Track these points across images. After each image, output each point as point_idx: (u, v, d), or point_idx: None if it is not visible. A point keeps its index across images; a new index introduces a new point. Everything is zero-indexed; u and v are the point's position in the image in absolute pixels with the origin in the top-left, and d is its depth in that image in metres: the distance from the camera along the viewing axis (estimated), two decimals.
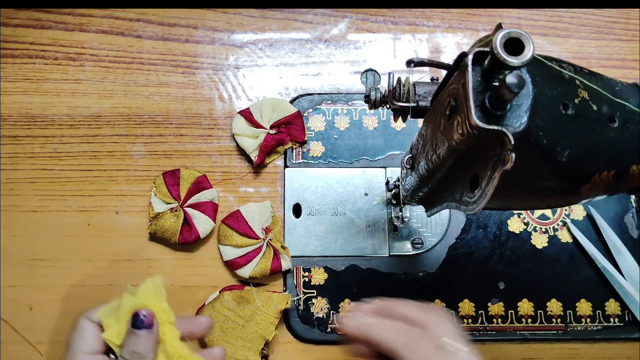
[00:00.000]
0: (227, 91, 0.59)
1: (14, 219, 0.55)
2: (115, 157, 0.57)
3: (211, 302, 0.52)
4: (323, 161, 0.57)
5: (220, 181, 0.56)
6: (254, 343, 0.50)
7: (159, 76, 0.59)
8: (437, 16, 0.62)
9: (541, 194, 0.33)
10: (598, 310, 0.54)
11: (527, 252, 0.55)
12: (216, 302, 0.51)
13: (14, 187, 0.55)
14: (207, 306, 0.51)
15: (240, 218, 0.53)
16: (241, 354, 0.50)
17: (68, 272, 0.53)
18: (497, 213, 0.56)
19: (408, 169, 0.44)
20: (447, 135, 0.31)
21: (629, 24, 0.62)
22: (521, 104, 0.28)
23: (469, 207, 0.32)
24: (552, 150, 0.30)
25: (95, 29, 0.60)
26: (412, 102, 0.38)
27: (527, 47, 0.26)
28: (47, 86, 0.58)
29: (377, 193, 0.56)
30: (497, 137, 0.28)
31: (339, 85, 0.60)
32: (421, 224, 0.55)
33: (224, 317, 0.51)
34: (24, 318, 0.52)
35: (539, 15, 0.62)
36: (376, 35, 0.61)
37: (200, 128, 0.58)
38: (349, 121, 0.58)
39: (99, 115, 0.58)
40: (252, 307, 0.51)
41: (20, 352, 0.52)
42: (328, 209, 0.56)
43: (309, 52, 0.61)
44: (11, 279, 0.53)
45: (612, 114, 0.32)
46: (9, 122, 0.57)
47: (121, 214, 0.55)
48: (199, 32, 0.61)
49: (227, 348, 0.50)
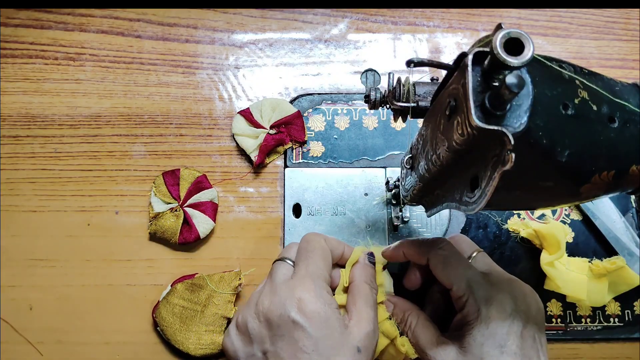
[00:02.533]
0: (227, 91, 0.59)
1: (14, 219, 0.55)
2: (115, 157, 0.57)
3: (165, 297, 0.52)
4: (323, 161, 0.57)
5: (220, 181, 0.56)
6: (216, 325, 0.50)
7: (159, 76, 0.59)
8: (437, 16, 0.62)
9: (541, 194, 0.33)
10: (598, 310, 0.54)
11: (527, 252, 0.55)
12: (170, 295, 0.51)
13: (14, 187, 0.55)
14: (161, 302, 0.51)
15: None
16: (206, 338, 0.50)
17: (68, 272, 0.53)
18: (497, 213, 0.56)
19: (408, 169, 0.44)
20: (447, 135, 0.32)
21: (629, 24, 0.62)
22: (521, 104, 0.28)
23: (469, 207, 0.32)
24: (552, 150, 0.30)
25: (95, 29, 0.60)
26: (412, 102, 0.38)
27: (527, 47, 0.26)
28: (47, 86, 0.58)
29: (377, 193, 0.56)
30: (497, 137, 0.28)
31: (339, 85, 0.60)
32: (421, 224, 0.55)
33: (180, 308, 0.51)
34: (24, 318, 0.52)
35: (539, 15, 0.62)
36: (376, 35, 0.61)
37: (200, 128, 0.58)
38: (349, 121, 0.58)
39: (99, 115, 0.58)
40: (206, 292, 0.51)
41: (20, 352, 0.52)
42: (328, 209, 0.56)
43: (309, 52, 0.61)
44: (11, 279, 0.53)
45: (612, 114, 0.32)
46: (9, 122, 0.57)
47: (121, 214, 0.55)
48: (199, 32, 0.61)
49: (191, 337, 0.50)
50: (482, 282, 0.42)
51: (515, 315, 0.40)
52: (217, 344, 0.50)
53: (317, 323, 0.40)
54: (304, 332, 0.40)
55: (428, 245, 0.45)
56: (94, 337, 0.52)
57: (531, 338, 0.40)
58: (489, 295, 0.41)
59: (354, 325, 0.42)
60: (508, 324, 0.39)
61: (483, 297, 0.41)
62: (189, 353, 0.50)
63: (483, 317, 0.40)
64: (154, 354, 0.52)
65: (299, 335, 0.40)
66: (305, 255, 0.45)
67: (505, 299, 0.40)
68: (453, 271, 0.43)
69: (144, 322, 0.52)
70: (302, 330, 0.40)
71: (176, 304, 0.51)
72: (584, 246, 0.55)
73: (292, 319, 0.40)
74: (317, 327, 0.40)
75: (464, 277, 0.42)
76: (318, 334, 0.40)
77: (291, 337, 0.40)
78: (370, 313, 0.44)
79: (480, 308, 0.40)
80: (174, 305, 0.51)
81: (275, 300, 0.42)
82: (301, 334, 0.40)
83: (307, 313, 0.40)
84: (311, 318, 0.40)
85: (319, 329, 0.40)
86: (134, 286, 0.53)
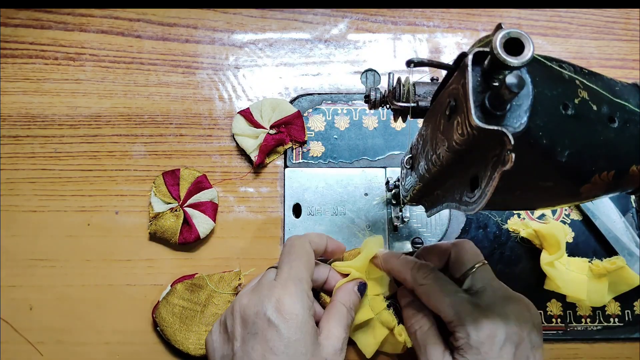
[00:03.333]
0: (227, 91, 0.59)
1: (14, 219, 0.55)
2: (115, 157, 0.57)
3: (165, 298, 0.52)
4: (323, 161, 0.57)
5: (220, 181, 0.56)
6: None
7: (159, 76, 0.59)
8: (437, 16, 0.62)
9: (541, 194, 0.33)
10: (598, 310, 0.54)
11: (527, 252, 0.55)
12: (170, 296, 0.51)
13: (14, 187, 0.55)
14: (161, 302, 0.51)
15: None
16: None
17: (68, 272, 0.53)
18: (497, 213, 0.56)
19: (408, 169, 0.44)
20: (447, 135, 0.31)
21: (629, 24, 0.62)
22: (521, 104, 0.28)
23: (469, 207, 0.32)
24: (552, 150, 0.30)
25: (95, 29, 0.60)
26: (412, 102, 0.38)
27: (527, 47, 0.26)
28: (47, 86, 0.58)
29: (377, 193, 0.56)
30: (497, 137, 0.28)
31: (339, 85, 0.60)
32: (421, 224, 0.55)
33: (180, 308, 0.51)
34: (24, 318, 0.52)
35: (539, 15, 0.62)
36: (376, 35, 0.61)
37: (200, 128, 0.58)
38: (349, 121, 0.58)
39: (99, 115, 0.58)
40: (206, 292, 0.51)
41: (20, 352, 0.52)
42: (328, 209, 0.56)
43: (309, 52, 0.61)
44: (11, 279, 0.53)
45: (612, 114, 0.32)
46: (9, 122, 0.57)
47: (121, 214, 0.55)
48: (199, 32, 0.61)
49: (190, 337, 0.50)
50: (471, 308, 0.41)
51: (508, 338, 0.39)
52: None
53: (292, 325, 0.40)
54: (277, 332, 0.39)
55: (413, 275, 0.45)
56: (94, 337, 0.52)
57: (524, 358, 0.40)
58: (479, 321, 0.40)
59: (324, 339, 0.42)
60: (499, 347, 0.39)
61: (472, 323, 0.40)
62: (189, 353, 0.50)
63: (473, 342, 0.39)
64: (154, 354, 0.52)
65: (272, 335, 0.39)
66: (289, 258, 0.44)
67: (496, 322, 0.40)
68: (439, 300, 0.42)
69: (144, 322, 0.52)
70: (276, 331, 0.39)
71: (176, 304, 0.51)
72: (584, 246, 0.55)
73: (268, 317, 0.40)
74: (291, 330, 0.40)
75: (451, 306, 0.41)
76: (291, 337, 0.39)
77: (264, 336, 0.40)
78: (342, 334, 0.43)
79: (470, 334, 0.39)
80: (173, 306, 0.51)
81: (254, 298, 0.42)
82: (274, 334, 0.39)
83: (284, 313, 0.40)
84: (287, 320, 0.40)
85: (293, 332, 0.40)
86: (134, 286, 0.53)
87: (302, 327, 0.40)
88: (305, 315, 0.41)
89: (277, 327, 0.39)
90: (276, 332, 0.39)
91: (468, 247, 0.47)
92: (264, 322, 0.40)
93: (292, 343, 0.39)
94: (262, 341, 0.39)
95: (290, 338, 0.39)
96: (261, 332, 0.40)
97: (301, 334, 0.40)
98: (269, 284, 0.43)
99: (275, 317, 0.40)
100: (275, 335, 0.39)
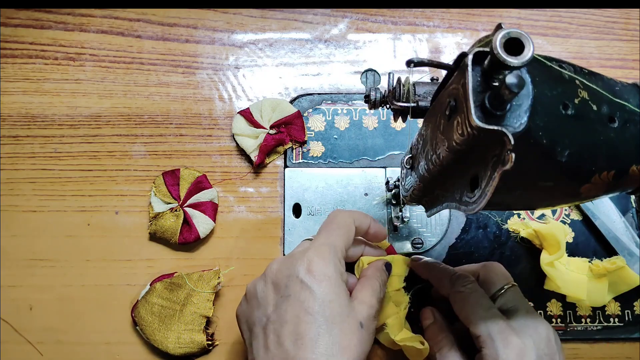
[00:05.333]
0: (227, 91, 0.59)
1: (14, 219, 0.55)
2: (115, 157, 0.57)
3: (144, 297, 0.52)
4: (323, 161, 0.57)
5: (220, 181, 0.56)
6: (195, 324, 0.50)
7: (159, 76, 0.59)
8: (437, 16, 0.62)
9: (541, 194, 0.33)
10: (598, 310, 0.54)
11: (527, 252, 0.55)
12: (149, 295, 0.51)
13: (14, 187, 0.55)
14: (140, 301, 0.51)
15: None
16: (185, 337, 0.50)
17: (68, 272, 0.53)
18: (497, 213, 0.56)
19: (408, 169, 0.44)
20: (447, 135, 0.31)
21: (629, 24, 0.62)
22: (521, 104, 0.28)
23: (469, 207, 0.32)
24: (552, 150, 0.30)
25: (95, 29, 0.60)
26: (412, 102, 0.38)
27: (527, 47, 0.26)
28: (47, 86, 0.58)
29: (377, 193, 0.56)
30: (497, 137, 0.28)
31: (339, 85, 0.60)
32: (421, 224, 0.55)
33: (159, 307, 0.51)
34: (24, 318, 0.52)
35: (539, 15, 0.62)
36: (376, 35, 0.61)
37: (200, 128, 0.58)
38: (349, 121, 0.58)
39: (99, 115, 0.58)
40: (185, 291, 0.51)
41: (20, 352, 0.52)
42: (328, 209, 0.56)
43: (309, 52, 0.61)
44: (11, 279, 0.53)
45: (612, 114, 0.32)
46: (9, 122, 0.57)
47: (121, 214, 0.55)
48: (199, 32, 0.61)
49: (170, 335, 0.50)
50: (502, 326, 0.40)
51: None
52: (197, 343, 0.50)
53: (325, 286, 0.39)
54: (311, 293, 0.38)
55: (452, 280, 0.45)
56: (94, 337, 0.52)
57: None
58: (509, 340, 0.39)
59: (358, 304, 0.41)
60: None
61: (502, 341, 0.39)
62: (168, 352, 0.50)
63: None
64: (154, 354, 0.52)
65: (305, 295, 0.38)
66: (328, 227, 0.44)
67: (526, 342, 0.39)
68: (473, 312, 0.41)
69: None
70: (309, 292, 0.38)
71: (155, 303, 0.51)
72: (584, 246, 0.55)
73: (301, 279, 0.39)
74: (325, 290, 0.39)
75: (482, 320, 0.41)
76: (325, 297, 0.38)
77: (297, 297, 0.38)
78: (376, 304, 0.43)
79: (498, 352, 0.39)
80: (152, 305, 0.51)
81: (286, 262, 0.41)
82: (307, 295, 0.38)
83: (317, 275, 0.39)
84: (320, 281, 0.39)
85: (326, 293, 0.39)
86: (134, 286, 0.53)
87: (335, 288, 0.39)
88: (338, 278, 0.40)
89: (310, 288, 0.38)
90: (310, 292, 0.38)
91: (497, 269, 0.46)
92: (297, 284, 0.39)
93: (327, 304, 0.38)
94: (295, 303, 0.38)
95: (325, 299, 0.38)
96: (294, 294, 0.39)
97: (335, 295, 0.39)
98: (302, 250, 0.42)
99: (307, 278, 0.39)
100: (309, 296, 0.38)
